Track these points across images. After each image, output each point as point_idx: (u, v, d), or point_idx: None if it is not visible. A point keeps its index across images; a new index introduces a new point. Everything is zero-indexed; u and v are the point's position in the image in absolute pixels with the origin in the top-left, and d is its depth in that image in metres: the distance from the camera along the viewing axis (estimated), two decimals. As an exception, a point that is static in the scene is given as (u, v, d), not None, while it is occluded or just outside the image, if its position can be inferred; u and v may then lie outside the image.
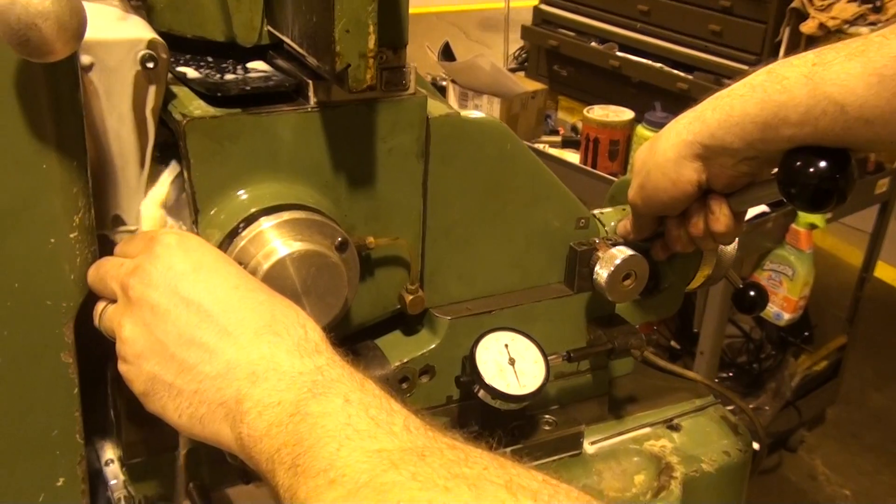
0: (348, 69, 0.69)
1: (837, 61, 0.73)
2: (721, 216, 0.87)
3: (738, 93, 0.80)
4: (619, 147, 2.50)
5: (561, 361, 0.93)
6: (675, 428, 1.01)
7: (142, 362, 0.65)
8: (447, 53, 2.79)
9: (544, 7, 3.13)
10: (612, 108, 2.54)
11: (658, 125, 2.47)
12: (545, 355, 0.89)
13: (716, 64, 2.67)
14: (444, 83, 2.68)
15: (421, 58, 0.80)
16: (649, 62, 2.81)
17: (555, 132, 2.82)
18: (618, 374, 1.05)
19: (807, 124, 0.75)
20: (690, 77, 2.70)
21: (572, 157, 2.55)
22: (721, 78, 2.67)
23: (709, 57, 2.69)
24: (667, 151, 0.86)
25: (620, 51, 2.88)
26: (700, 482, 0.95)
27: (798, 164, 0.77)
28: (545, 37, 3.07)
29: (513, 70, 3.13)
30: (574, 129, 2.81)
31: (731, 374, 2.66)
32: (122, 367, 0.67)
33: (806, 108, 0.74)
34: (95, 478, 0.82)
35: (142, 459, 0.81)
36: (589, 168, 2.43)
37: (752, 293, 1.04)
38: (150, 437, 0.79)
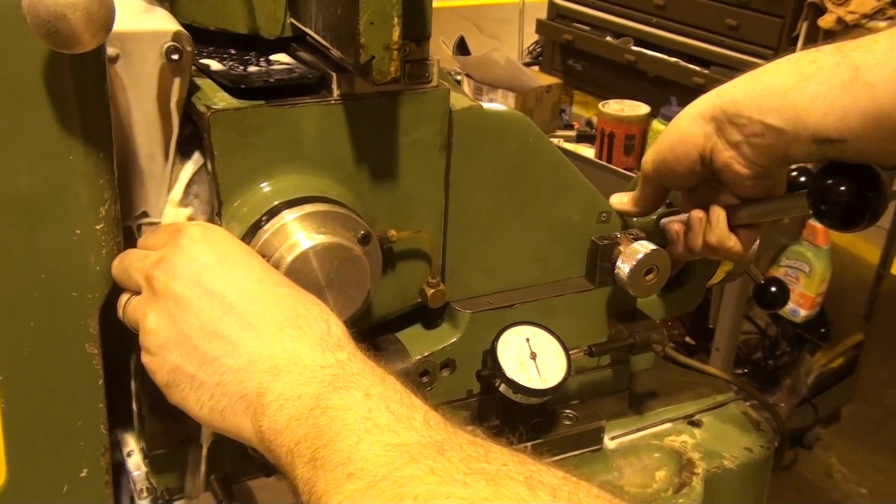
0: (372, 61, 0.69)
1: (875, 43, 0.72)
2: (717, 227, 0.86)
3: (774, 63, 0.78)
4: (634, 142, 2.50)
5: (582, 356, 0.92)
6: (697, 424, 1.00)
7: (165, 353, 0.65)
8: (462, 47, 2.79)
9: (559, 1, 3.12)
10: (628, 102, 2.53)
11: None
12: (567, 350, 0.89)
13: (732, 58, 2.65)
14: (459, 77, 2.67)
15: (436, 52, 0.79)
16: (665, 56, 2.79)
17: (569, 127, 2.81)
18: (638, 370, 1.05)
19: (819, 96, 0.73)
20: (707, 71, 2.68)
21: (587, 151, 2.55)
22: (737, 72, 2.65)
23: (725, 51, 2.67)
24: (690, 107, 0.84)
25: (636, 45, 2.86)
26: (722, 479, 0.95)
27: (829, 181, 0.75)
28: (560, 31, 3.05)
29: (527, 64, 3.12)
30: (589, 123, 2.80)
31: (746, 371, 2.65)
32: (146, 359, 0.67)
33: (826, 77, 0.73)
34: (117, 469, 0.82)
35: (164, 451, 0.81)
36: (604, 162, 2.42)
37: (773, 289, 1.04)
38: (172, 429, 0.79)
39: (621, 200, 0.96)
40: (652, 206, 0.94)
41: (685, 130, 0.84)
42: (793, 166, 0.87)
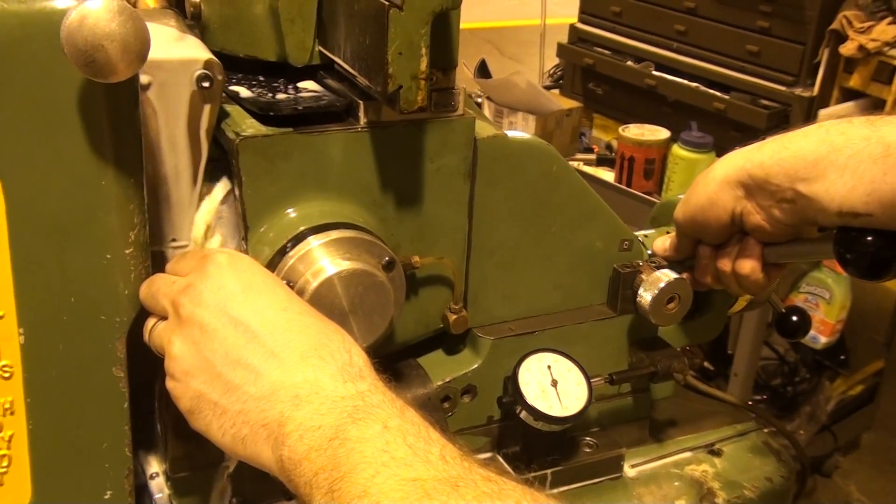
0: (400, 91, 0.70)
1: None
2: (750, 258, 0.86)
3: (803, 130, 0.79)
4: (654, 166, 2.50)
5: (603, 384, 0.92)
6: (717, 453, 1.00)
7: (189, 380, 0.66)
8: (483, 70, 2.80)
9: (580, 25, 3.13)
10: (648, 126, 2.53)
11: (694, 145, 2.47)
12: (588, 377, 0.89)
13: (753, 84, 2.65)
14: (480, 100, 2.68)
15: (457, 74, 0.80)
16: (685, 81, 2.79)
17: (589, 150, 2.82)
18: (658, 397, 1.04)
19: (848, 169, 0.73)
20: (727, 97, 2.68)
21: (607, 175, 2.55)
22: (758, 98, 2.65)
23: (746, 77, 2.67)
24: (718, 170, 0.85)
25: (656, 70, 2.87)
26: (742, 509, 0.94)
27: (855, 232, 0.75)
28: (581, 55, 3.07)
29: (548, 87, 3.13)
30: (609, 147, 2.80)
31: (764, 397, 2.63)
32: (170, 384, 0.67)
33: (856, 150, 0.73)
34: (140, 491, 0.82)
35: (186, 474, 0.81)
36: (624, 187, 2.42)
37: (794, 318, 1.03)
38: (195, 452, 0.80)
39: (664, 246, 0.97)
40: (685, 254, 0.95)
41: (714, 195, 0.85)
42: None
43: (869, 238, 0.74)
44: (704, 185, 0.86)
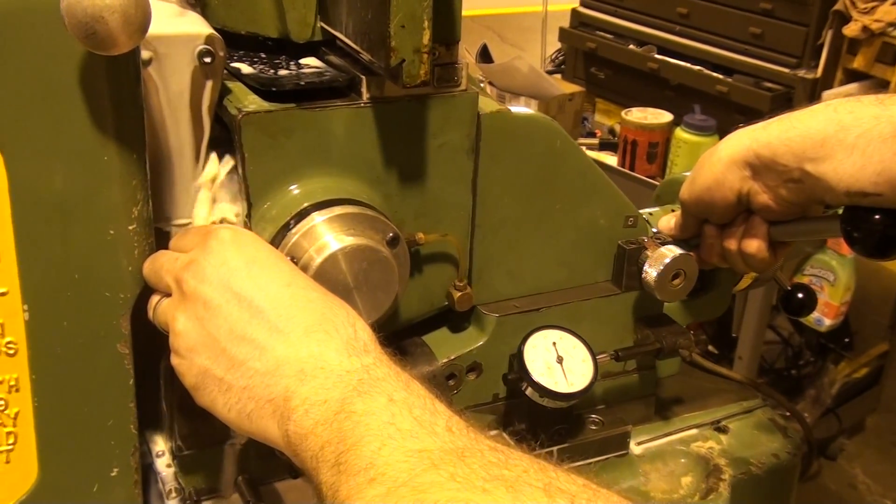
0: (402, 65, 0.69)
1: None
2: (755, 237, 0.85)
3: (810, 109, 0.78)
4: (657, 149, 2.49)
5: (609, 360, 0.92)
6: (723, 430, 1.00)
7: (193, 356, 0.65)
8: (485, 55, 2.80)
9: (582, 10, 3.12)
10: (651, 110, 2.53)
11: (697, 128, 2.46)
12: (593, 354, 0.88)
13: (756, 67, 2.65)
14: (482, 85, 2.68)
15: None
16: (688, 65, 2.79)
17: (592, 134, 2.82)
18: (664, 375, 1.04)
19: (857, 148, 0.72)
20: (730, 80, 2.68)
21: (610, 159, 2.55)
22: (761, 81, 2.64)
23: (749, 60, 2.67)
24: (723, 150, 0.84)
25: (659, 53, 2.86)
26: (749, 485, 0.94)
27: (863, 210, 0.74)
28: (583, 39, 3.06)
29: (550, 72, 3.12)
30: (611, 131, 2.80)
31: (769, 380, 2.63)
32: (175, 361, 0.67)
33: (865, 129, 0.72)
34: (146, 469, 0.83)
35: (192, 452, 0.81)
36: (627, 170, 2.42)
37: (800, 295, 1.03)
38: (201, 429, 0.80)
39: (668, 225, 0.96)
40: (690, 233, 0.94)
41: (721, 176, 0.84)
42: None
43: (877, 216, 0.73)
44: (710, 166, 0.85)
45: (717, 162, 0.85)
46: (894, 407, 2.93)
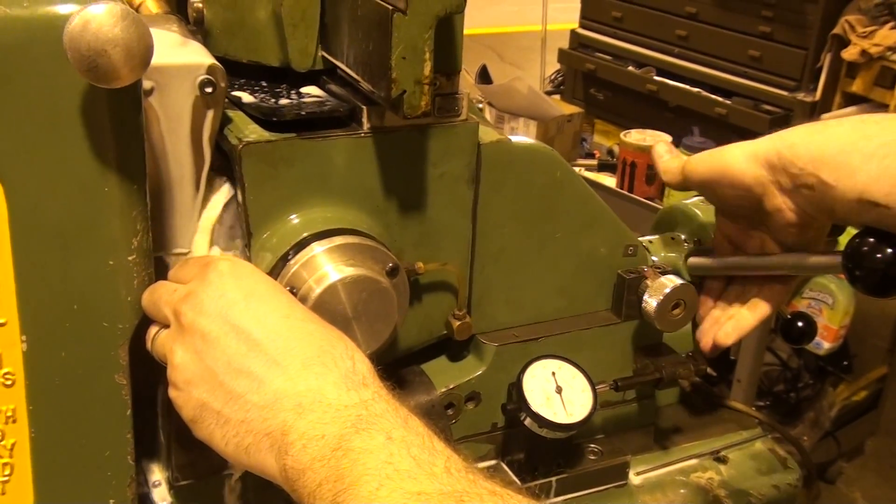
0: (403, 95, 0.69)
1: None
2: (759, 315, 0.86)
3: (840, 119, 0.78)
4: (656, 171, 2.49)
5: (608, 390, 0.92)
6: (723, 460, 0.99)
7: (191, 389, 0.65)
8: (484, 76, 2.81)
9: (581, 31, 3.14)
10: (650, 132, 2.53)
11: (695, 150, 2.46)
12: (593, 384, 0.88)
13: (754, 89, 2.66)
14: (481, 105, 2.69)
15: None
16: (687, 87, 2.80)
17: (591, 155, 2.82)
18: (663, 404, 1.04)
19: (875, 157, 0.72)
20: (729, 102, 2.69)
21: (608, 180, 2.55)
22: (760, 103, 2.65)
23: (748, 82, 2.68)
24: (748, 144, 0.83)
25: (658, 75, 2.88)
26: (748, 516, 0.94)
27: (865, 247, 0.73)
28: (582, 60, 3.07)
29: (549, 93, 3.14)
30: (610, 152, 2.80)
31: (767, 403, 2.62)
32: (172, 393, 0.67)
33: (887, 140, 0.72)
34: (143, 499, 0.82)
35: (190, 482, 0.81)
36: (626, 192, 2.42)
37: (800, 323, 1.02)
38: (198, 460, 0.79)
39: (662, 149, 0.93)
40: (680, 179, 0.91)
41: (739, 168, 0.83)
42: None
43: (879, 255, 0.73)
44: (731, 156, 0.84)
45: (739, 154, 0.83)
46: (893, 430, 2.92)
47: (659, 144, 0.95)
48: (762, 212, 0.84)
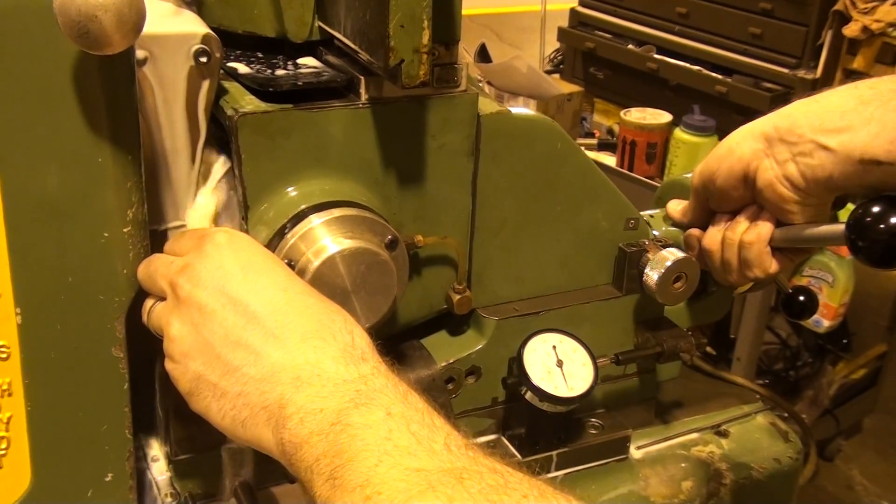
0: (402, 65, 0.68)
1: None
2: (759, 232, 0.84)
3: (836, 88, 0.79)
4: (656, 150, 2.49)
5: (609, 364, 0.91)
6: (724, 434, 0.99)
7: (188, 361, 0.64)
8: (483, 55, 2.79)
9: (581, 9, 3.11)
10: (650, 110, 2.52)
11: (696, 128, 2.45)
12: (594, 358, 0.87)
13: (755, 67, 2.64)
14: (480, 84, 2.67)
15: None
16: (687, 65, 2.78)
17: (591, 135, 2.81)
18: (664, 379, 1.03)
19: (874, 119, 0.72)
20: (729, 80, 2.67)
21: (608, 160, 2.54)
22: (760, 81, 2.63)
23: (748, 60, 2.66)
24: (745, 125, 0.84)
25: (658, 53, 2.85)
26: (750, 489, 0.93)
27: (869, 218, 0.72)
28: (581, 39, 3.05)
29: (548, 72, 3.12)
30: (610, 131, 2.79)
31: (767, 382, 2.62)
32: (169, 366, 0.66)
33: (883, 101, 0.72)
34: (141, 474, 0.82)
35: (188, 456, 0.80)
36: (626, 171, 2.41)
37: (801, 298, 1.02)
38: (196, 434, 0.79)
39: (675, 209, 0.95)
40: (700, 219, 0.92)
41: (735, 145, 0.84)
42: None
43: (882, 225, 0.72)
44: (729, 137, 0.85)
45: (736, 133, 0.85)
46: (892, 408, 2.93)
47: (669, 206, 0.97)
48: (754, 190, 0.83)
